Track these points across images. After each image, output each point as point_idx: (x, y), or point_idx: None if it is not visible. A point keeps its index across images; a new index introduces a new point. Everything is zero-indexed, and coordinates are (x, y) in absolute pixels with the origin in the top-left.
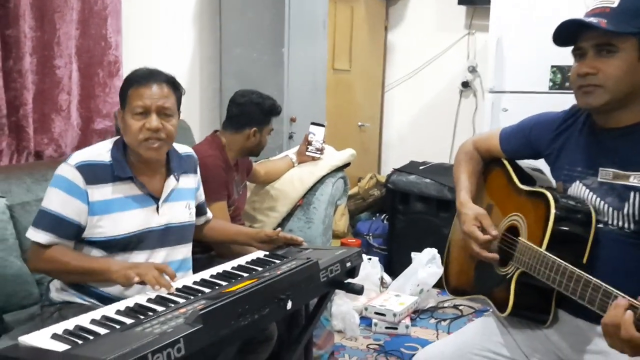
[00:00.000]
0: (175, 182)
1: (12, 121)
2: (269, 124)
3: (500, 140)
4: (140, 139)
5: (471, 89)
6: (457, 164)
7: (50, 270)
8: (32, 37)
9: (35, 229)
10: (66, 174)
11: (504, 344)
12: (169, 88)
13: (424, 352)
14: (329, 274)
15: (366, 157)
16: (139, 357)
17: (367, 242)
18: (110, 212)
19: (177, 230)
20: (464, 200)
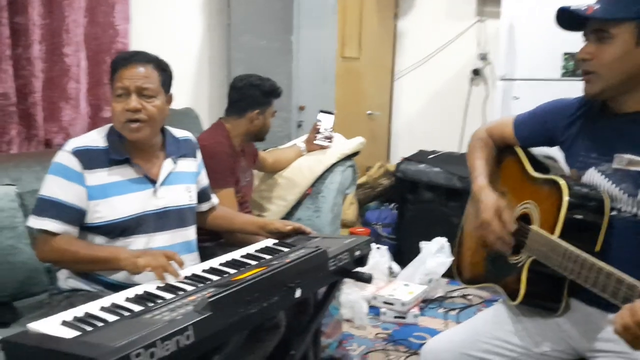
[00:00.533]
0: (172, 165)
1: (22, 109)
2: (271, 106)
3: (514, 127)
4: (122, 121)
5: (482, 76)
6: (472, 150)
7: (59, 260)
8: (40, 24)
9: (38, 218)
10: (63, 160)
11: (515, 332)
12: (151, 68)
13: (433, 340)
14: (338, 262)
15: (375, 145)
16: (148, 344)
17: (375, 231)
18: (107, 197)
19: (176, 213)
20: (482, 184)
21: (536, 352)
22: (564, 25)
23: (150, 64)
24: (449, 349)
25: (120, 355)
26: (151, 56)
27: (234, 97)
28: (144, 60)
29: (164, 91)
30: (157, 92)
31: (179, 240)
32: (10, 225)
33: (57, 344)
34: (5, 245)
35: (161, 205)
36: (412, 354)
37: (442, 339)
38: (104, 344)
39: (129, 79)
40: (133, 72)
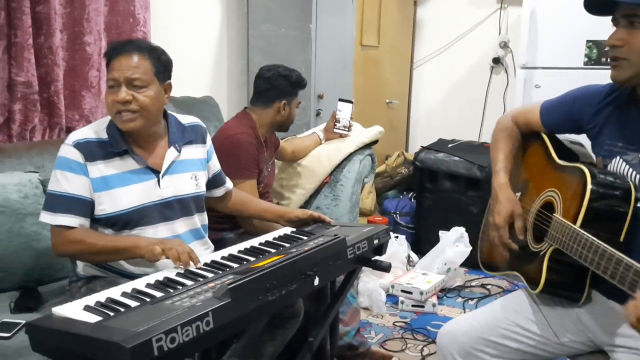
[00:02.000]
0: (176, 154)
1: (44, 97)
2: (297, 97)
3: (540, 113)
4: (113, 112)
5: (502, 65)
6: (495, 141)
7: (77, 253)
8: (62, 13)
9: (51, 214)
10: (67, 154)
11: (535, 320)
12: (143, 57)
13: (450, 323)
14: (356, 251)
15: (394, 134)
16: (169, 329)
17: (394, 220)
18: (109, 189)
19: (182, 202)
20: (502, 182)
21: (555, 342)
22: (591, 9)
23: (142, 52)
24: (467, 332)
25: (142, 340)
26: (143, 44)
27: (261, 86)
28: (136, 49)
29: (158, 80)
30: (149, 81)
31: (186, 229)
32: (34, 211)
33: (80, 328)
34: (29, 231)
35: (165, 195)
36: (430, 343)
37: (459, 323)
38: (125, 329)
39: (118, 70)
40: (122, 63)
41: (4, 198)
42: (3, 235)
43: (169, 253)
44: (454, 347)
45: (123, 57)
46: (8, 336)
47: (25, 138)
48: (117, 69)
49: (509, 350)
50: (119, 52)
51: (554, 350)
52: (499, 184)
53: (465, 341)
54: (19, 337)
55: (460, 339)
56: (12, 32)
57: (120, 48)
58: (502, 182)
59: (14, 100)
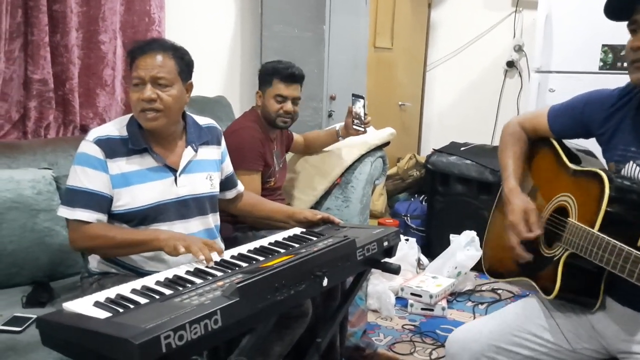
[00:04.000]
0: (193, 153)
1: (59, 95)
2: (272, 86)
3: (548, 118)
4: (138, 110)
5: (516, 68)
6: (503, 146)
7: (95, 247)
8: (78, 12)
9: (69, 208)
10: (87, 150)
11: (547, 327)
12: (168, 57)
13: (460, 330)
14: (366, 252)
15: (406, 137)
16: (177, 326)
17: (404, 223)
18: (128, 185)
19: (197, 201)
20: (513, 187)
21: (567, 349)
22: (612, 15)
23: (167, 52)
24: (477, 339)
25: (151, 336)
26: (168, 44)
27: None
28: (160, 48)
29: (181, 79)
30: (173, 81)
31: (200, 228)
32: (48, 207)
33: (90, 324)
34: (42, 227)
35: (182, 193)
36: (439, 347)
37: (469, 329)
38: (134, 325)
39: (144, 68)
40: (148, 62)
41: (18, 194)
42: (17, 231)
43: (191, 249)
44: (464, 354)
45: (148, 56)
46: (19, 330)
47: (40, 135)
48: (142, 68)
49: (520, 358)
50: (144, 50)
51: (567, 358)
52: (509, 189)
53: (475, 348)
54: (30, 331)
55: (471, 346)
56: (29, 30)
57: (146, 47)
58: (512, 187)
59: (29, 98)
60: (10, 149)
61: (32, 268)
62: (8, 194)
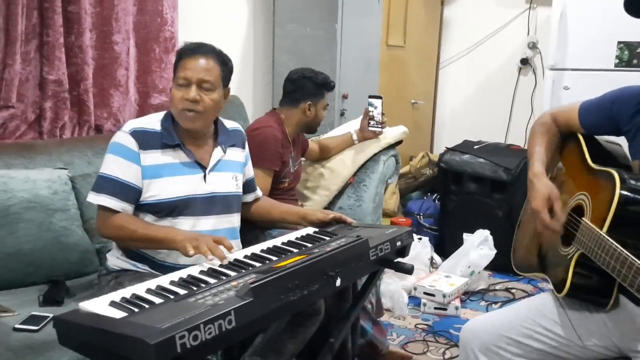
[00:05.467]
0: (222, 153)
1: (74, 95)
2: (323, 98)
3: (579, 113)
4: (179, 109)
5: (530, 66)
6: (533, 135)
7: (118, 237)
8: (92, 12)
9: (96, 194)
10: (122, 140)
11: (559, 322)
12: (214, 62)
13: (473, 321)
14: (379, 252)
15: (419, 135)
16: (192, 327)
17: (417, 222)
18: (159, 177)
19: (223, 199)
20: (537, 171)
21: (578, 345)
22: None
23: (214, 57)
24: (488, 329)
25: (166, 336)
26: (215, 50)
27: (289, 88)
28: (209, 53)
29: (222, 85)
30: (216, 85)
31: (224, 226)
32: (63, 207)
33: (106, 324)
34: (58, 226)
35: (209, 190)
36: (453, 346)
37: (482, 320)
38: (149, 325)
39: (192, 70)
40: (196, 64)
41: (34, 194)
42: (33, 230)
43: (200, 250)
44: (475, 344)
45: (198, 58)
46: (36, 329)
47: (55, 135)
48: (190, 69)
49: (531, 350)
50: (194, 52)
51: (577, 354)
52: (533, 173)
53: (486, 338)
54: (47, 330)
55: (482, 336)
56: (44, 32)
57: (196, 49)
58: (537, 171)
59: (45, 98)
60: (27, 149)
61: (48, 267)
62: (25, 194)
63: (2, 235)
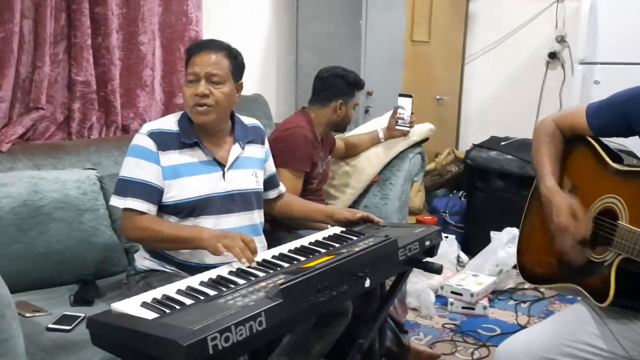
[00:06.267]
0: (240, 150)
1: (101, 96)
2: (354, 97)
3: (587, 115)
4: (191, 105)
5: (559, 60)
6: (537, 145)
7: (143, 238)
8: (118, 14)
9: (122, 198)
10: (141, 142)
11: (600, 335)
12: (222, 56)
13: (509, 342)
14: (408, 252)
15: (444, 132)
16: (223, 328)
17: (443, 220)
18: (178, 177)
19: (243, 196)
20: (551, 186)
21: (623, 357)
22: None
23: (222, 51)
24: (528, 351)
25: (198, 338)
26: (223, 44)
27: (319, 87)
28: (216, 48)
29: (233, 79)
30: (226, 79)
31: (245, 223)
32: (92, 207)
33: (138, 325)
34: (87, 226)
35: (229, 188)
36: (481, 346)
37: (519, 340)
38: (181, 327)
39: (200, 65)
40: (204, 59)
41: (64, 194)
42: (63, 230)
43: (233, 252)
44: None
45: (204, 54)
46: (69, 329)
47: (83, 136)
48: (198, 64)
49: None
50: (201, 48)
51: None
52: (548, 188)
53: None
54: (79, 329)
55: (521, 358)
56: (72, 33)
57: (203, 45)
58: (551, 185)
59: (73, 99)
60: (56, 149)
61: (78, 267)
62: (55, 195)
63: (33, 235)
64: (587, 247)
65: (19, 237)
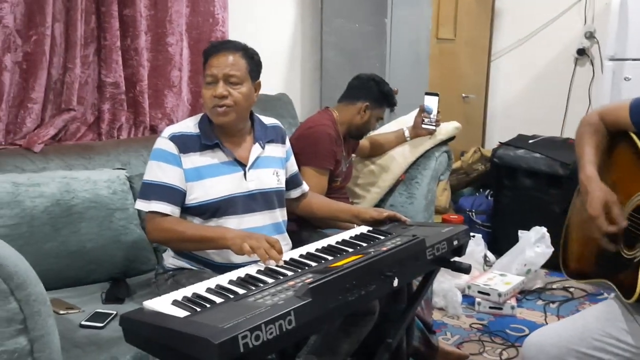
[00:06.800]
0: (260, 150)
1: (130, 97)
2: (381, 108)
3: (630, 110)
4: (210, 107)
5: (588, 56)
6: (580, 136)
7: (167, 240)
8: (146, 15)
9: (146, 201)
10: (163, 145)
11: (629, 331)
12: (239, 56)
13: (537, 333)
14: (436, 252)
15: (470, 130)
16: (254, 327)
17: (469, 218)
18: (201, 179)
19: (265, 195)
20: (590, 174)
21: None
22: None
23: (238, 52)
24: (556, 343)
25: (229, 336)
26: (239, 45)
27: (353, 84)
28: (232, 48)
29: (250, 78)
30: (244, 79)
31: (268, 222)
32: (122, 206)
33: (170, 322)
34: (118, 225)
35: (250, 187)
36: (510, 347)
37: (547, 332)
38: (213, 325)
39: (217, 67)
40: (221, 61)
41: (95, 194)
42: (94, 229)
43: (258, 252)
44: (541, 358)
45: (222, 55)
46: (101, 326)
47: (113, 136)
48: (215, 66)
49: None
50: (218, 50)
51: None
52: (586, 176)
53: (554, 352)
54: (111, 326)
55: (549, 350)
56: (102, 35)
57: (219, 46)
58: (590, 174)
59: (103, 100)
60: (86, 150)
61: (109, 265)
62: (86, 194)
63: (66, 234)
64: (620, 242)
65: (53, 236)
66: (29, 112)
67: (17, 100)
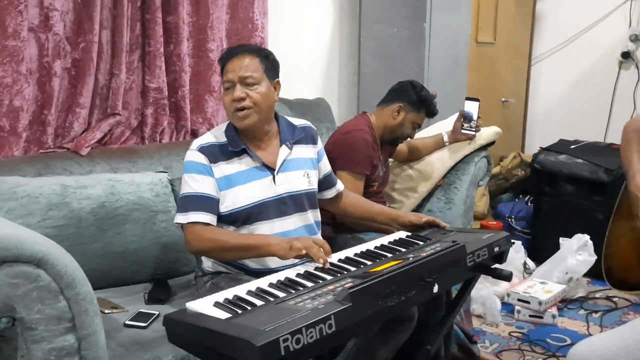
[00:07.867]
0: (288, 151)
1: (172, 102)
2: (417, 113)
3: None
4: (231, 111)
5: (633, 60)
6: (627, 143)
7: (210, 249)
8: (189, 22)
9: (184, 214)
10: (193, 158)
11: None
12: (253, 57)
13: (582, 344)
14: (476, 258)
15: (510, 135)
16: (295, 330)
17: (508, 225)
18: (231, 187)
19: (294, 198)
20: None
21: None
22: None
23: (252, 53)
24: (602, 355)
25: (271, 339)
26: (252, 47)
27: (392, 89)
28: (245, 51)
29: (268, 78)
30: (260, 79)
31: (300, 224)
32: (164, 209)
33: (212, 324)
34: (160, 227)
35: (280, 191)
36: (550, 357)
37: (594, 344)
38: (254, 327)
39: (232, 71)
40: (235, 65)
41: (138, 196)
42: (138, 231)
43: (311, 252)
44: None
45: (236, 59)
46: (144, 326)
47: (155, 140)
48: (231, 71)
49: None
50: (231, 55)
51: None
52: (637, 186)
53: None
54: (154, 327)
55: None
56: (146, 42)
57: (232, 52)
58: None
59: (146, 105)
60: (130, 153)
61: (152, 266)
62: (130, 197)
63: (111, 235)
64: None
65: (98, 237)
66: (77, 116)
67: (65, 105)
